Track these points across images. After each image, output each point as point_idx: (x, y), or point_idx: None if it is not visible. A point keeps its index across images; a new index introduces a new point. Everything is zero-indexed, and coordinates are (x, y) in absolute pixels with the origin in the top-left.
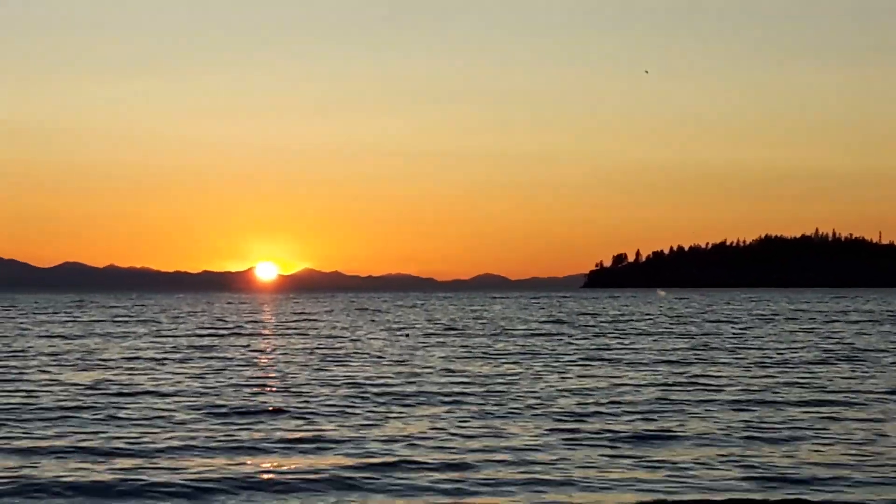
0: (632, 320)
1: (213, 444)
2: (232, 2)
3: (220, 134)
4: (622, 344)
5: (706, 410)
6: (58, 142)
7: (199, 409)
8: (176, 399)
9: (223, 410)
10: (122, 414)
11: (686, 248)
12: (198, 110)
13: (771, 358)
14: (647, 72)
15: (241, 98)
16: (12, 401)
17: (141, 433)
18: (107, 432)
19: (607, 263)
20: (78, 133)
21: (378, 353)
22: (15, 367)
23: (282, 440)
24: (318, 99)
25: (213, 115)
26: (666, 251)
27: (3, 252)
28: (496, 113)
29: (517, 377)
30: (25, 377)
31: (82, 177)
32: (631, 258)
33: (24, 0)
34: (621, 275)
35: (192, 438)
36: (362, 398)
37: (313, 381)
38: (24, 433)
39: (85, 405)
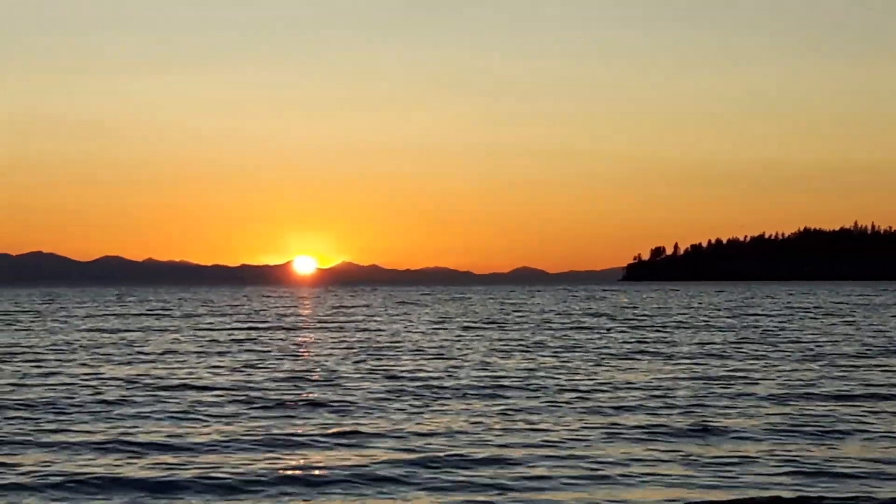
0: (671, 313)
1: (253, 438)
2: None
3: (259, 128)
4: (662, 337)
5: (746, 404)
6: (97, 136)
7: (239, 403)
8: (216, 392)
9: (263, 404)
10: (160, 407)
11: (724, 242)
12: (237, 105)
13: (811, 351)
14: None
15: (279, 92)
16: (52, 394)
17: (180, 428)
18: (144, 427)
19: (645, 257)
20: (118, 127)
21: (417, 346)
22: (55, 360)
23: (321, 434)
24: (358, 93)
25: (252, 110)
26: (704, 244)
27: (43, 246)
28: (536, 106)
29: (557, 370)
30: (66, 370)
31: (122, 171)
32: (669, 251)
33: None
34: (659, 268)
35: (233, 433)
36: (402, 392)
37: (354, 374)
38: (63, 427)
39: (125, 399)
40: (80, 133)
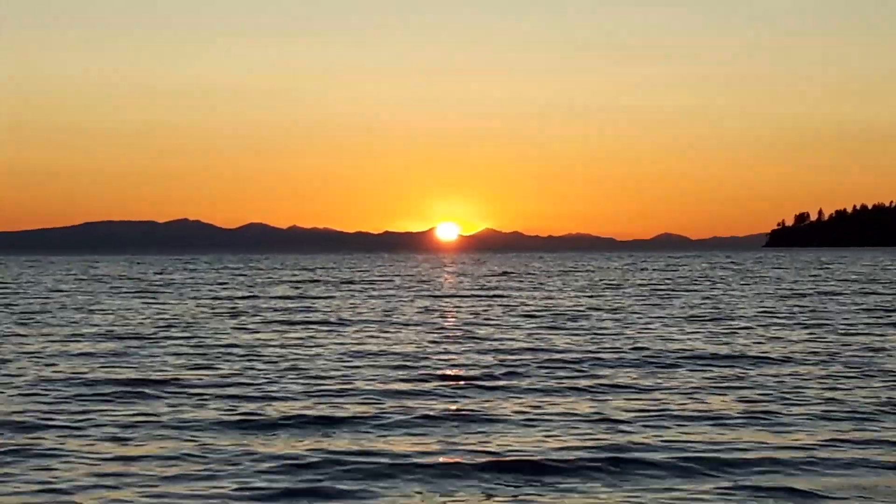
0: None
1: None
2: None
3: (399, 95)
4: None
5: None
6: (240, 104)
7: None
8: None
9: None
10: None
11: (870, 207)
12: (378, 72)
13: None
14: None
15: (419, 59)
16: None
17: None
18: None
19: (789, 222)
20: (259, 94)
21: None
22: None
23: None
24: (495, 59)
25: (393, 76)
26: (849, 210)
27: (190, 214)
28: (678, 70)
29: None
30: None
31: (264, 139)
32: (813, 217)
33: None
34: (804, 234)
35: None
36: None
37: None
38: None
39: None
40: (222, 100)
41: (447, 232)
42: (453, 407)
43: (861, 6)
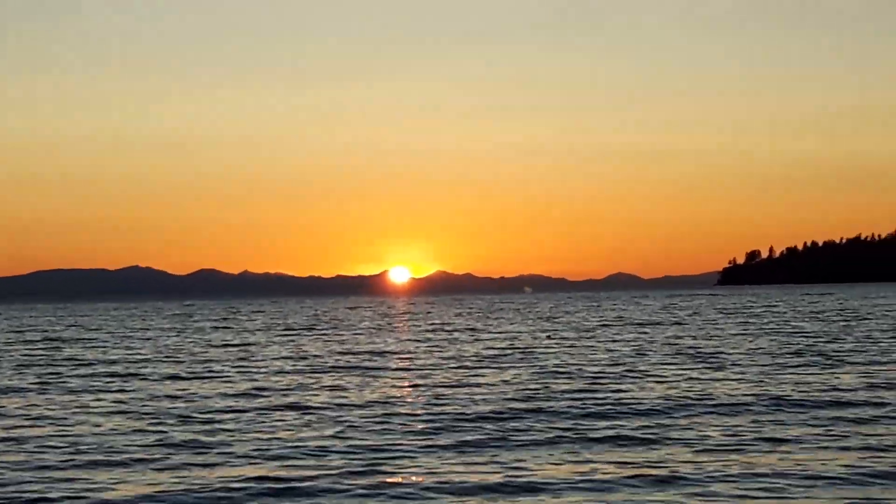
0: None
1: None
2: (381, 13)
3: (349, 140)
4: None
5: None
6: (190, 151)
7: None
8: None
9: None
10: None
11: (820, 244)
12: (326, 116)
13: None
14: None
15: (369, 104)
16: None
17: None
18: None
19: (740, 260)
20: (210, 142)
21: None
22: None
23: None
24: (449, 103)
25: (345, 121)
26: (800, 247)
27: (140, 260)
28: (626, 112)
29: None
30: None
31: (215, 185)
32: (764, 254)
33: (180, 9)
34: (755, 271)
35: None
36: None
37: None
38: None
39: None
40: (172, 148)
41: (399, 275)
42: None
43: (810, 42)
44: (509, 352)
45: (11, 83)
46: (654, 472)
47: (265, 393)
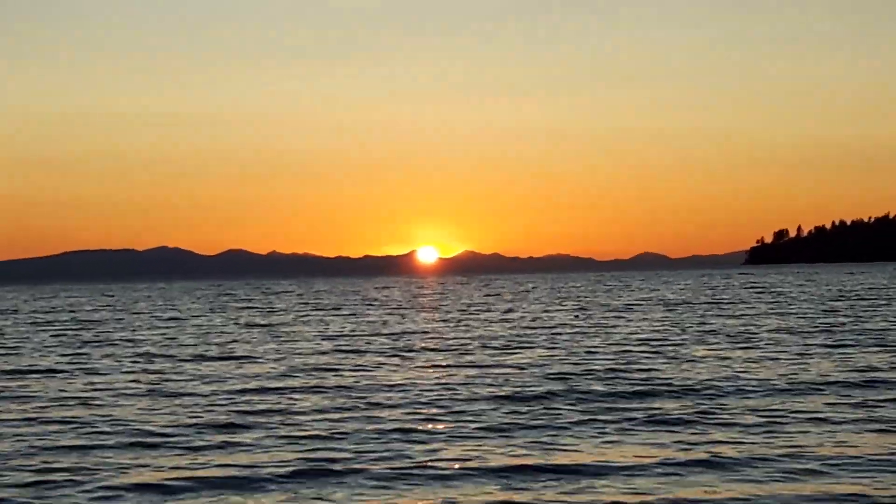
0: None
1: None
2: None
3: (378, 119)
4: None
5: None
6: (220, 131)
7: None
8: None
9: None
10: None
11: (848, 223)
12: (357, 96)
13: None
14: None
15: (397, 83)
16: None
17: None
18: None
19: (768, 240)
20: (238, 121)
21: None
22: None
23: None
24: (475, 82)
25: (371, 101)
26: (828, 226)
27: (169, 241)
28: (654, 91)
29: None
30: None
31: (244, 165)
32: (792, 233)
33: None
34: (783, 250)
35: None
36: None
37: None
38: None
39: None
40: (202, 128)
41: (427, 255)
42: None
43: (835, 26)
44: (540, 332)
45: (39, 64)
46: (693, 454)
47: (298, 374)
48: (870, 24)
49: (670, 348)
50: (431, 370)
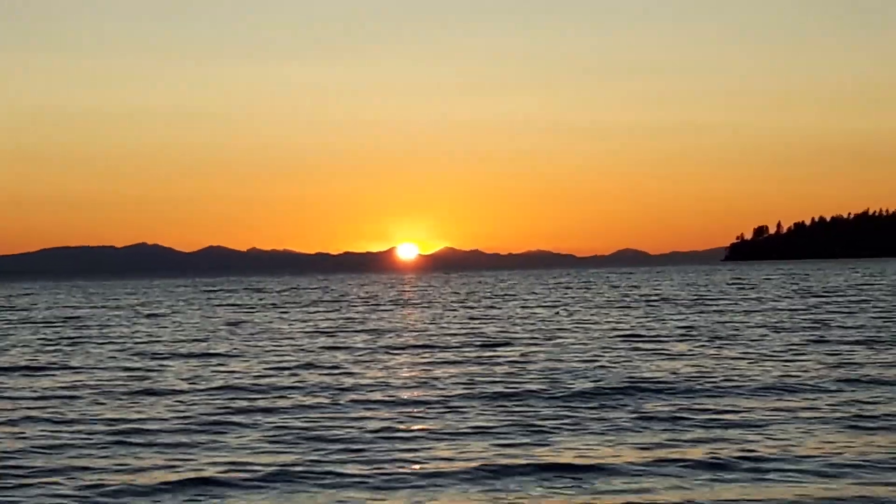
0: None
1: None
2: None
3: (358, 116)
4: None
5: None
6: (199, 127)
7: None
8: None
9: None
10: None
11: (828, 219)
12: (337, 94)
13: None
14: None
15: (377, 80)
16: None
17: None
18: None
19: (748, 236)
20: (218, 117)
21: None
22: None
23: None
24: (455, 79)
25: (351, 98)
26: (808, 222)
27: (148, 238)
28: (634, 88)
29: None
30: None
31: (224, 161)
32: (772, 230)
33: None
34: (763, 247)
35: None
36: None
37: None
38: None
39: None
40: (182, 124)
41: (407, 252)
42: None
43: (815, 18)
44: (522, 328)
45: (16, 58)
46: (679, 453)
47: (279, 372)
48: (848, 22)
49: (654, 345)
50: (414, 368)
